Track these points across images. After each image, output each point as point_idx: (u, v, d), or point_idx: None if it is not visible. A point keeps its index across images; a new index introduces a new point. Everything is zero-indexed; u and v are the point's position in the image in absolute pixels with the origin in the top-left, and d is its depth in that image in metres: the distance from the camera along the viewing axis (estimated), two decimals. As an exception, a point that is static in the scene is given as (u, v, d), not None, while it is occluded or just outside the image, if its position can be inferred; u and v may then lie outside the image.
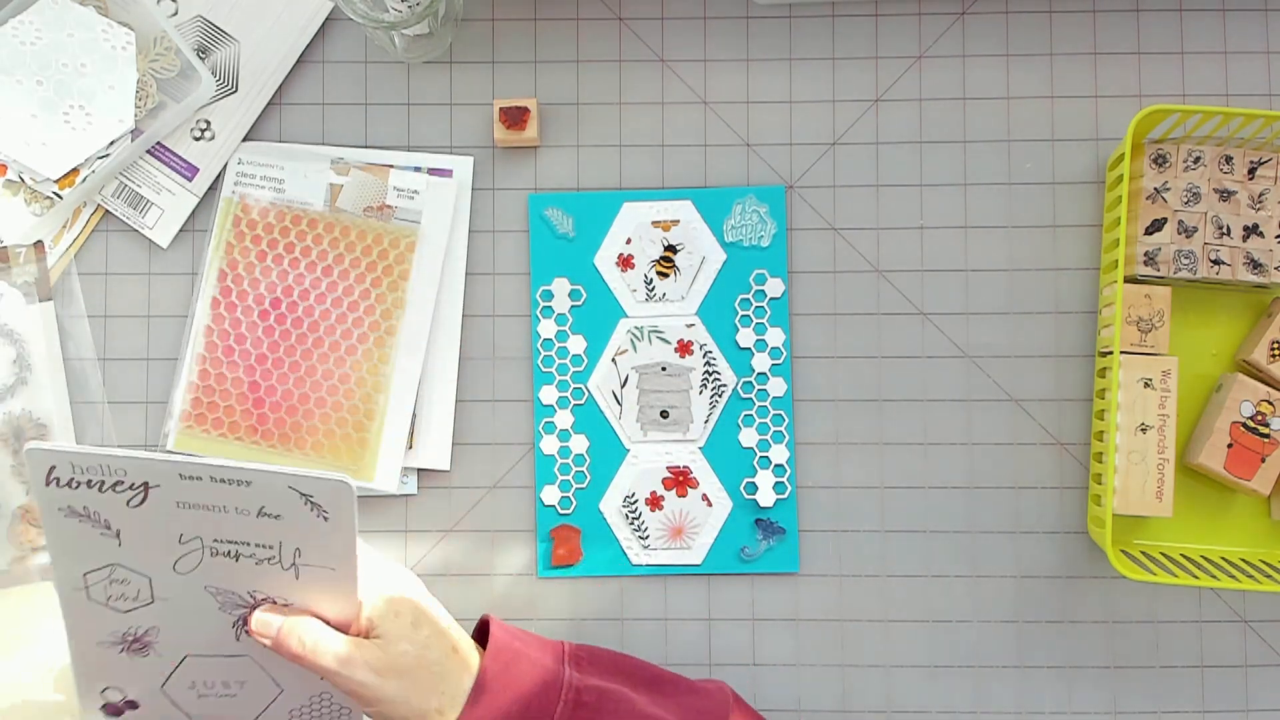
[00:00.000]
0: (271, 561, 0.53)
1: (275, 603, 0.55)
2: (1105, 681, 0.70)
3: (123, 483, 0.50)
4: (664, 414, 0.72)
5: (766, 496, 0.71)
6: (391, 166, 0.72)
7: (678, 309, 0.72)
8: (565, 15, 0.73)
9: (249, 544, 0.53)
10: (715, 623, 0.71)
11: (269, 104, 0.73)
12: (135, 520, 0.51)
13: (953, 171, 0.73)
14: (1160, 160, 0.68)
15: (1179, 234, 0.68)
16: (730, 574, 0.71)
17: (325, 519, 0.52)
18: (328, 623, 0.55)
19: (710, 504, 0.71)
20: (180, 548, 0.52)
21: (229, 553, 0.53)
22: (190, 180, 0.72)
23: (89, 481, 0.50)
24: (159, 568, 0.53)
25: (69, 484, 0.50)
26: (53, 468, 0.50)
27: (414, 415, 0.71)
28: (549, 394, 0.72)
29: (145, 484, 0.50)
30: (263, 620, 0.54)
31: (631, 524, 0.71)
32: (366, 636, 0.55)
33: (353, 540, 0.53)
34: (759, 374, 0.71)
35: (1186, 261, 0.68)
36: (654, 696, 0.59)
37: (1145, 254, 0.68)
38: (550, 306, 0.72)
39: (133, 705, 0.57)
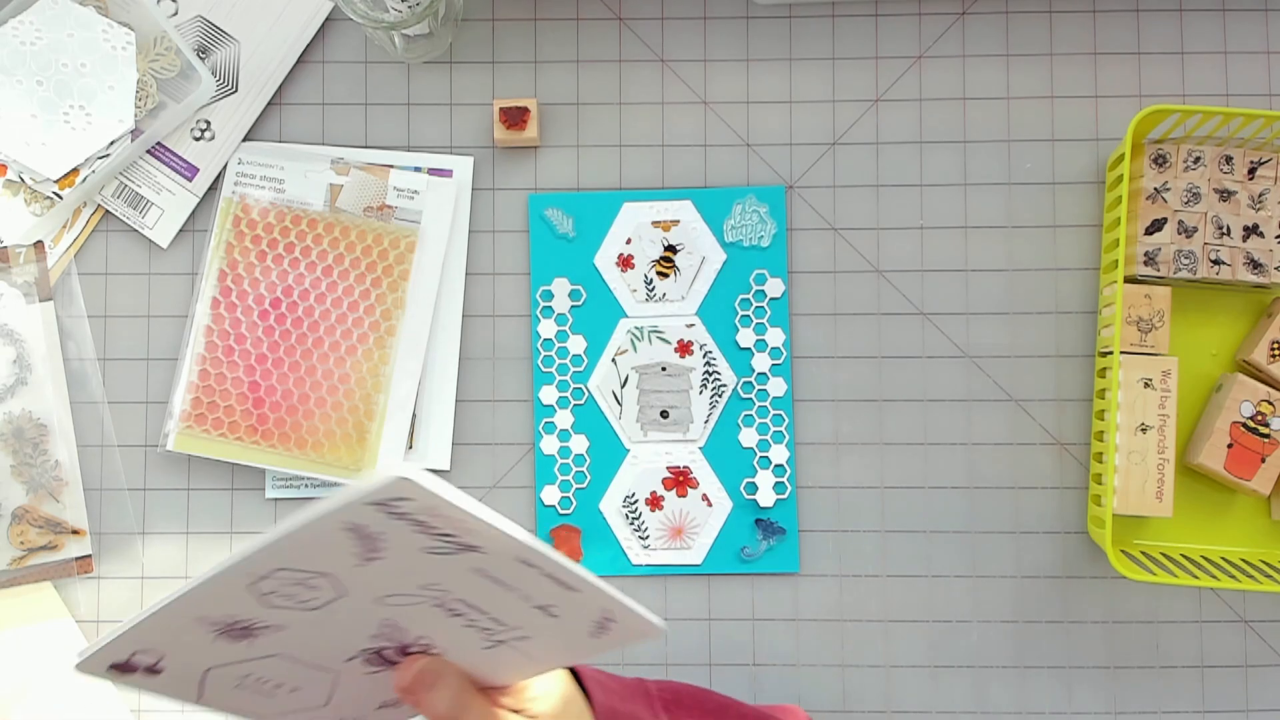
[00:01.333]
0: (483, 630, 0.45)
1: (429, 651, 0.47)
2: (1105, 681, 0.70)
3: (450, 536, 0.39)
4: (664, 414, 0.72)
5: (766, 496, 0.71)
6: (391, 167, 0.72)
7: (678, 309, 0.72)
8: (565, 15, 0.73)
9: (487, 615, 0.44)
10: (715, 623, 0.71)
11: (269, 104, 0.73)
12: (404, 558, 0.41)
13: (953, 171, 0.73)
14: (1160, 160, 0.68)
15: (1179, 234, 0.68)
16: (730, 574, 0.71)
17: (598, 637, 0.45)
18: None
19: (710, 504, 0.71)
20: (410, 587, 0.43)
21: (455, 610, 0.44)
22: (190, 180, 0.72)
23: (418, 522, 0.39)
24: (366, 592, 0.43)
25: (395, 514, 0.38)
26: (401, 499, 0.37)
27: (414, 415, 0.71)
28: (549, 394, 0.72)
29: (470, 546, 0.40)
30: (421, 674, 0.47)
31: (631, 524, 0.71)
32: (517, 710, 0.50)
33: (593, 656, 0.47)
34: (759, 374, 0.71)
35: (1186, 261, 0.68)
36: None
37: (1145, 254, 0.68)
38: (550, 306, 0.72)
39: (155, 671, 0.45)
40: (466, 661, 0.47)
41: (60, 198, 0.71)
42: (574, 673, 0.55)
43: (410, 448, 0.71)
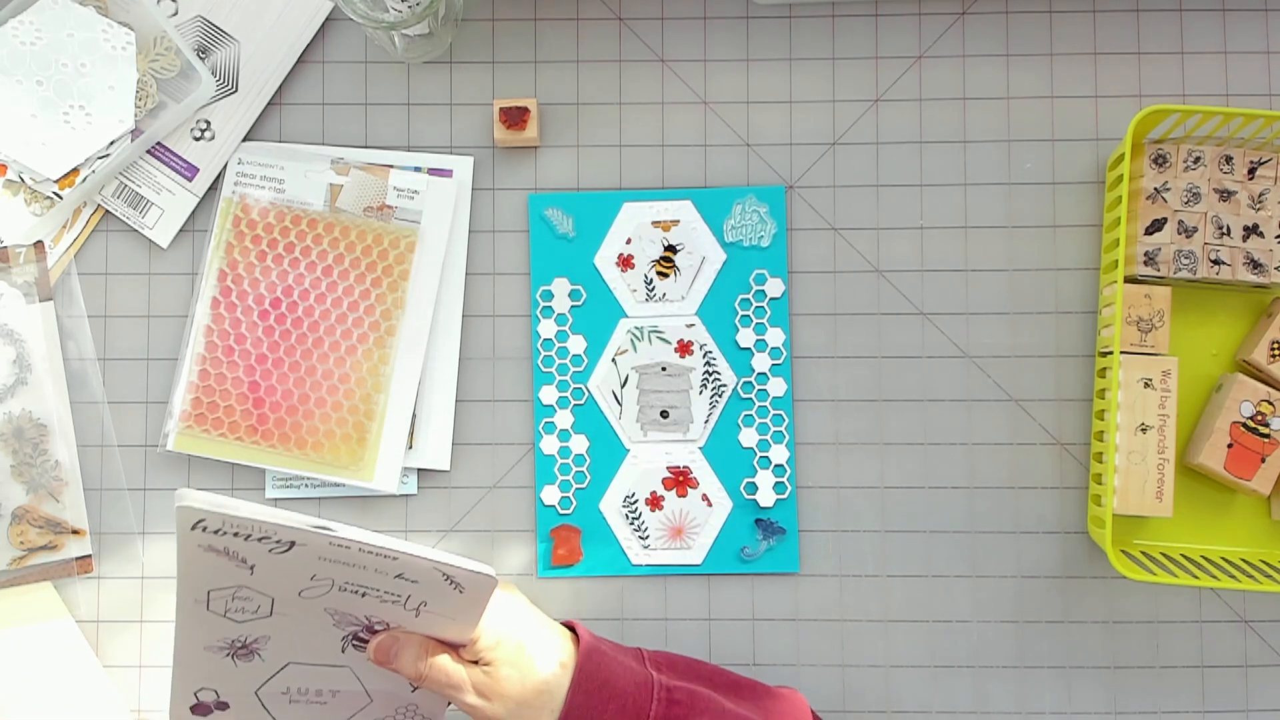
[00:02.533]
0: (395, 603, 0.54)
1: (390, 628, 0.56)
2: (1105, 681, 0.70)
3: (269, 538, 0.49)
4: (664, 414, 0.72)
5: (766, 496, 0.71)
6: (391, 167, 0.72)
7: (678, 309, 0.72)
8: (565, 15, 0.73)
9: (379, 589, 0.53)
10: (715, 623, 0.71)
11: (269, 104, 0.73)
12: (273, 562, 0.51)
13: (953, 171, 0.73)
14: (1160, 160, 0.68)
15: (1179, 234, 0.68)
16: (730, 574, 0.71)
17: (460, 593, 0.53)
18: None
19: (710, 504, 0.71)
20: (310, 583, 0.53)
21: (357, 591, 0.53)
22: (190, 180, 0.72)
23: (235, 533, 0.49)
24: (284, 593, 0.53)
25: (216, 532, 0.49)
26: (202, 520, 0.48)
27: (414, 415, 0.71)
28: (549, 394, 0.72)
29: (292, 542, 0.50)
30: (384, 642, 0.56)
31: (631, 524, 0.71)
32: (475, 661, 0.57)
33: (479, 614, 0.54)
34: (759, 374, 0.71)
35: (1186, 261, 0.68)
36: (736, 700, 0.60)
37: (1145, 254, 0.68)
38: (550, 306, 0.72)
39: (223, 706, 0.58)
40: (416, 628, 0.55)
41: (60, 198, 0.71)
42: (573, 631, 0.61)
43: (410, 448, 0.71)
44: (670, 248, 0.72)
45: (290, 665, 0.57)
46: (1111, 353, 0.67)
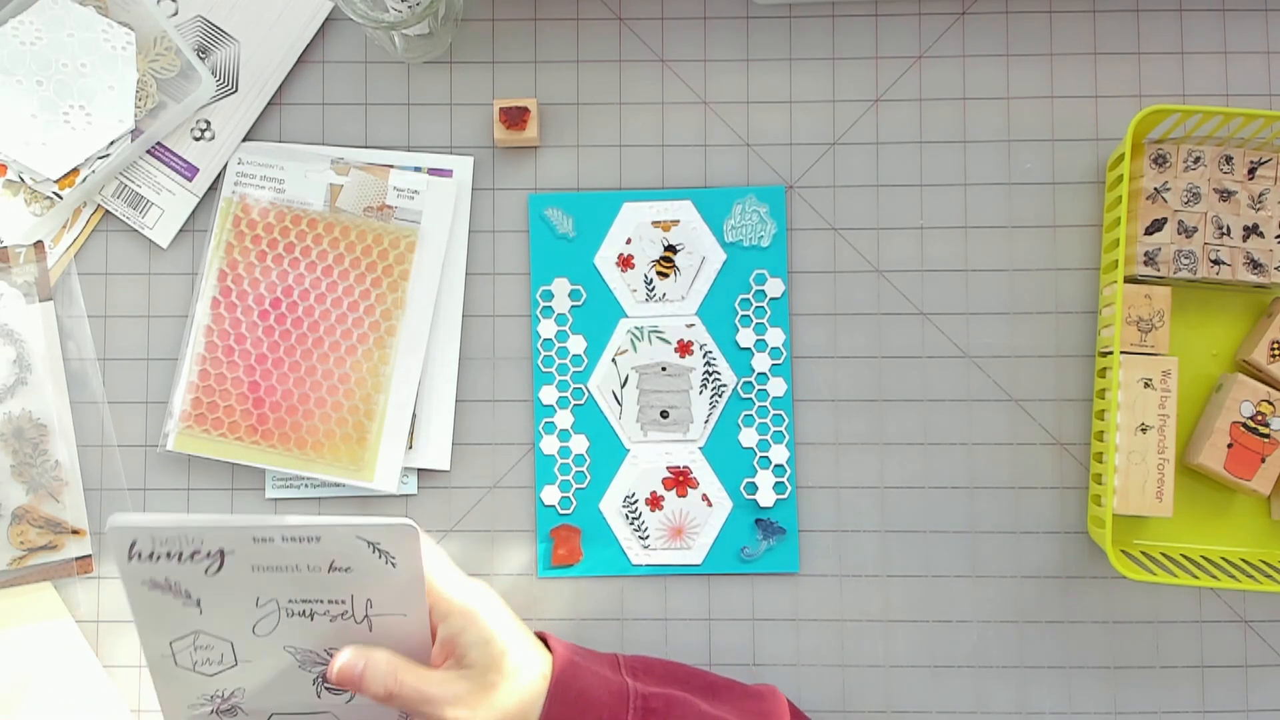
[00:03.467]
0: (345, 617, 0.55)
1: None
2: (1105, 681, 0.70)
3: (199, 551, 0.52)
4: (664, 414, 0.72)
5: (766, 496, 0.71)
6: (391, 167, 0.72)
7: (678, 309, 0.72)
8: (565, 15, 0.73)
9: (322, 601, 0.54)
10: (715, 623, 0.71)
11: (269, 104, 0.73)
12: (213, 588, 0.54)
13: (953, 171, 0.73)
14: (1160, 160, 0.68)
15: (1179, 234, 0.68)
16: (730, 574, 0.71)
17: (393, 565, 0.53)
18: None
19: (710, 504, 0.71)
20: (257, 610, 0.55)
21: (304, 612, 0.55)
22: (190, 180, 0.72)
23: (168, 554, 0.52)
24: (239, 632, 0.55)
25: (150, 557, 0.52)
26: (134, 542, 0.52)
27: (414, 415, 0.71)
28: (549, 394, 0.72)
29: (221, 551, 0.53)
30: (347, 665, 0.54)
31: (631, 524, 0.71)
32: (459, 664, 0.56)
33: (420, 582, 0.54)
34: (759, 374, 0.71)
35: (1186, 261, 0.68)
36: (712, 702, 0.60)
37: (1145, 254, 0.68)
38: (550, 306, 0.72)
39: None
40: (375, 644, 0.55)
41: (60, 198, 0.71)
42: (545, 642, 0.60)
43: (410, 447, 0.71)
44: (670, 248, 0.72)
45: (274, 718, 0.58)
46: (1111, 353, 0.67)
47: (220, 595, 0.54)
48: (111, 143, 0.71)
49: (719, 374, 0.72)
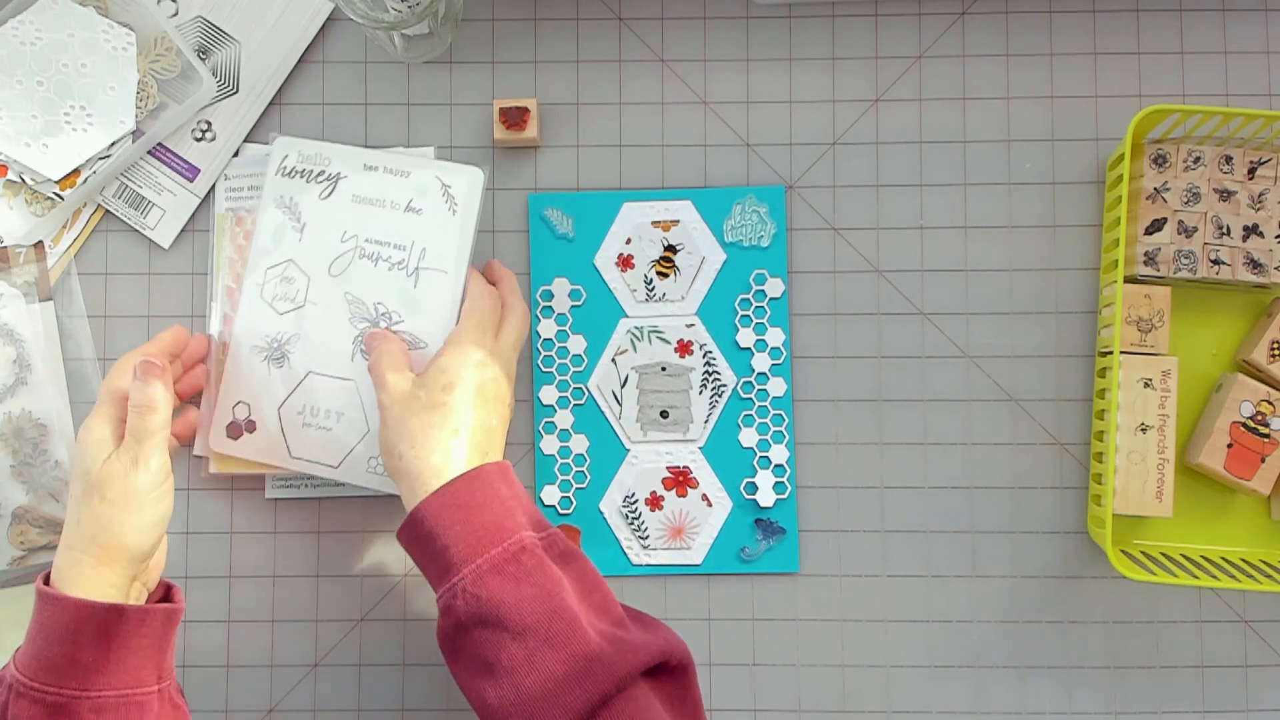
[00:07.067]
0: (401, 266, 0.66)
1: (390, 322, 0.67)
2: (1105, 681, 0.70)
3: (325, 172, 0.67)
4: (664, 414, 0.72)
5: (766, 496, 0.71)
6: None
7: (678, 309, 0.72)
8: (565, 15, 0.74)
9: (389, 244, 0.67)
10: (715, 623, 0.71)
11: (270, 104, 0.73)
12: (319, 214, 0.67)
13: (953, 171, 0.73)
14: (1160, 160, 0.68)
15: (1179, 234, 0.68)
16: (730, 574, 0.71)
17: (454, 211, 0.66)
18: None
19: (710, 504, 0.71)
20: (340, 246, 0.67)
21: (372, 255, 0.67)
22: (191, 181, 0.72)
23: (304, 171, 0.68)
24: (319, 267, 0.67)
25: (292, 173, 0.68)
26: (287, 155, 0.68)
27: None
28: (549, 394, 0.72)
29: (338, 174, 0.67)
30: (372, 334, 0.66)
31: (631, 524, 0.71)
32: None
33: (468, 239, 0.66)
34: (759, 374, 0.71)
35: (1186, 261, 0.68)
36: (593, 611, 0.57)
37: (1145, 254, 0.68)
38: (550, 306, 0.72)
39: (251, 427, 0.68)
40: (408, 312, 0.66)
41: (61, 198, 0.71)
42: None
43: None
44: (670, 248, 0.72)
45: (310, 376, 0.67)
46: (1111, 353, 0.67)
47: (321, 221, 0.67)
48: (112, 143, 0.71)
49: (719, 374, 0.72)
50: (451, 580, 0.55)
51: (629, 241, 0.72)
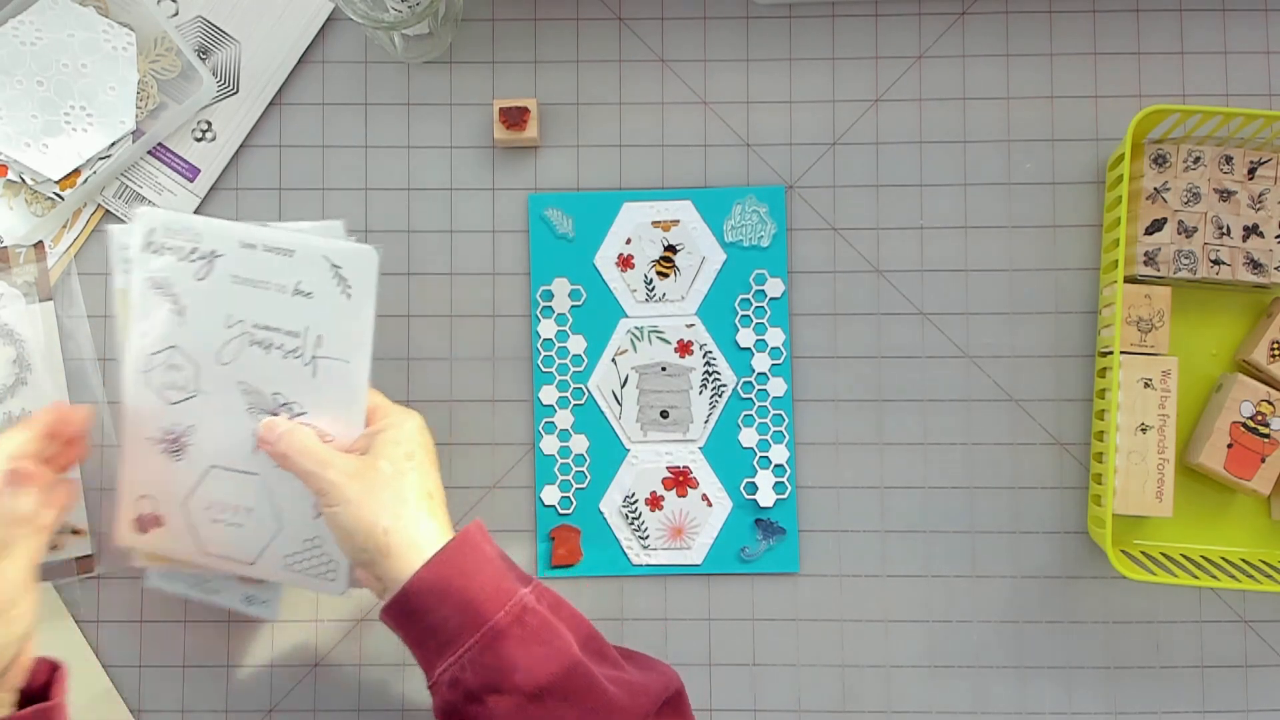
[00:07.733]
0: (296, 355, 0.59)
1: (291, 413, 0.60)
2: (1105, 682, 0.70)
3: (198, 250, 0.59)
4: (664, 414, 0.72)
5: (766, 496, 0.71)
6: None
7: (678, 309, 0.72)
8: (565, 15, 0.74)
9: (280, 331, 0.59)
10: (715, 623, 0.71)
11: (270, 104, 0.73)
12: (198, 296, 0.60)
13: (953, 171, 0.73)
14: (1160, 160, 0.68)
15: (1179, 234, 0.68)
16: (730, 574, 0.71)
17: (348, 295, 0.59)
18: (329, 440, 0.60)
19: (710, 504, 0.71)
20: (227, 332, 0.60)
21: (263, 342, 0.59)
22: (192, 181, 0.72)
23: (174, 248, 0.59)
24: (207, 355, 0.60)
25: (158, 250, 0.59)
26: (154, 229, 0.59)
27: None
28: (549, 394, 0.72)
29: (213, 252, 0.59)
30: (270, 423, 0.59)
31: (631, 524, 0.71)
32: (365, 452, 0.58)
33: (367, 327, 0.59)
34: (759, 374, 0.71)
35: (1186, 261, 0.68)
36: (593, 658, 0.56)
37: (1145, 254, 0.68)
38: (550, 306, 0.72)
39: (157, 522, 0.63)
40: (310, 401, 0.60)
41: (61, 198, 0.71)
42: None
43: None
44: (670, 248, 0.72)
45: (212, 470, 0.62)
46: (1111, 353, 0.67)
47: (201, 305, 0.60)
48: (112, 143, 0.71)
49: (719, 374, 0.72)
50: (458, 652, 0.53)
51: (629, 241, 0.72)
